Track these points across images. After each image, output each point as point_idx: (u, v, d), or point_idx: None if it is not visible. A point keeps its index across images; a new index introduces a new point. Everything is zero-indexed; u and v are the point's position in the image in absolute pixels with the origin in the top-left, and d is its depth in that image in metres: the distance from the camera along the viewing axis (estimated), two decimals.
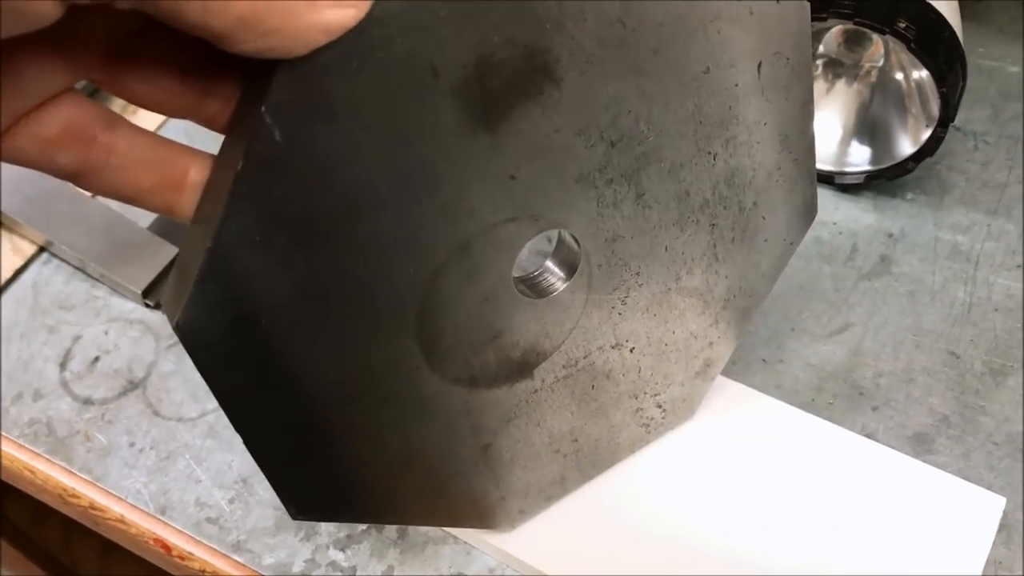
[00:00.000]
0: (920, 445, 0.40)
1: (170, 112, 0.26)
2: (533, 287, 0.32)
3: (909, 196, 0.48)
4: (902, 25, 0.40)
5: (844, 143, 0.48)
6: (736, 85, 0.30)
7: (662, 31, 0.27)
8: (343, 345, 0.28)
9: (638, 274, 0.33)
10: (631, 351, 0.35)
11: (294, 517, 0.31)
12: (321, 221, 0.25)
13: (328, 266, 0.26)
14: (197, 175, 0.26)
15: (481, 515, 0.36)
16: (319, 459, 0.30)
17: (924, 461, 0.39)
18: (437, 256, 0.28)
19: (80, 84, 0.24)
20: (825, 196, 0.48)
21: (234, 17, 0.20)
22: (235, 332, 0.26)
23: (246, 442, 0.28)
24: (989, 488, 0.37)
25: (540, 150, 0.27)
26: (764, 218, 0.34)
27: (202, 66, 0.25)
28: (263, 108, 0.23)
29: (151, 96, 0.25)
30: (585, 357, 0.34)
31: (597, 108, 0.28)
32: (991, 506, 0.37)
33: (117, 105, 0.48)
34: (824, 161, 0.48)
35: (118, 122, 0.25)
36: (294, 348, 0.27)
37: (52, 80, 0.23)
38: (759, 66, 0.30)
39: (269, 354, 0.27)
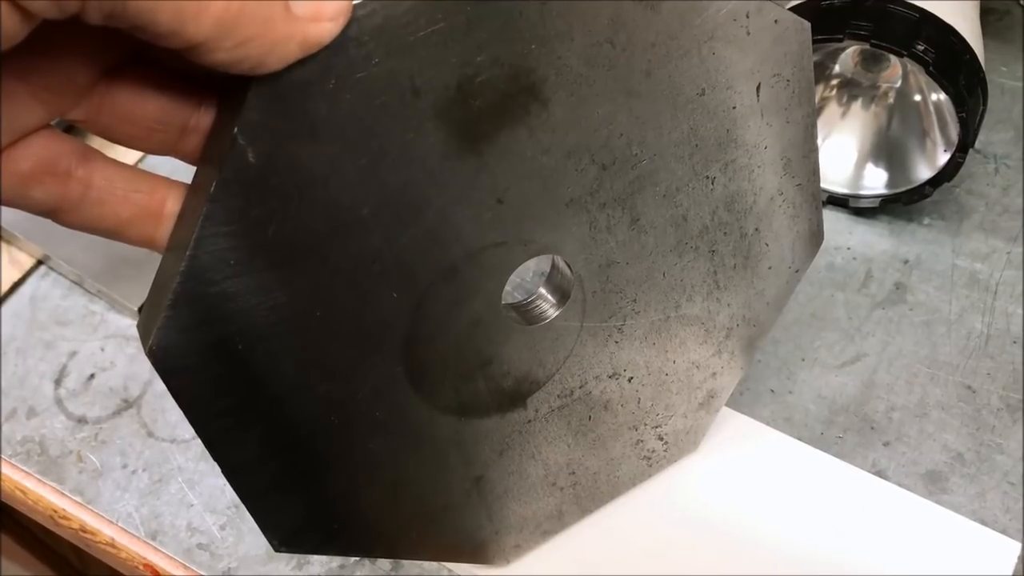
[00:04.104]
0: (933, 484, 0.38)
1: (149, 149, 0.25)
2: (524, 314, 0.31)
3: (926, 221, 0.46)
4: (920, 48, 0.39)
5: (859, 166, 0.47)
6: (734, 107, 0.29)
7: (654, 52, 0.26)
8: (326, 371, 0.27)
9: (635, 301, 0.32)
10: (629, 381, 0.34)
11: (276, 549, 0.30)
12: (299, 244, 0.24)
13: (308, 290, 0.25)
14: (174, 205, 0.25)
15: (474, 549, 0.35)
16: (302, 489, 0.29)
17: (937, 501, 0.37)
18: (423, 280, 0.27)
19: (54, 120, 0.24)
20: (840, 220, 0.47)
21: (209, 22, 0.19)
22: (211, 357, 0.25)
23: (224, 470, 0.27)
24: (1004, 531, 0.36)
25: (528, 173, 0.27)
26: (767, 244, 0.33)
27: (181, 103, 0.24)
28: (235, 128, 0.22)
29: (130, 134, 0.24)
30: (581, 387, 0.33)
31: (587, 130, 0.27)
32: (1006, 551, 0.35)
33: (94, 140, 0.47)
34: (838, 184, 0.47)
35: (93, 156, 0.24)
36: (274, 374, 0.26)
37: (27, 118, 0.22)
38: (758, 88, 0.29)
39: (247, 380, 0.26)
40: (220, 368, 0.25)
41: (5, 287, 0.50)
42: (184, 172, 0.26)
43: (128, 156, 0.24)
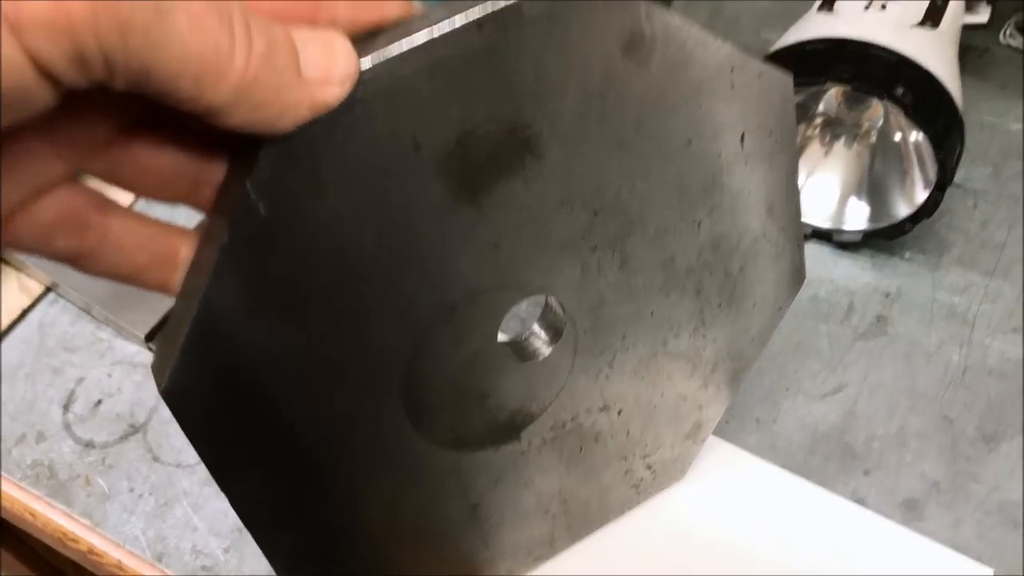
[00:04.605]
0: (910, 511, 0.39)
1: (165, 198, 0.26)
2: (519, 351, 0.32)
3: (907, 255, 0.48)
4: (900, 91, 0.41)
5: (843, 201, 0.48)
6: (719, 156, 0.30)
7: (643, 106, 0.28)
8: (329, 408, 0.28)
9: (625, 338, 0.33)
10: (619, 413, 0.35)
11: (280, 575, 0.31)
12: (306, 289, 0.26)
13: (313, 332, 0.27)
14: (188, 252, 0.26)
15: (469, 574, 0.37)
16: (305, 519, 0.30)
17: (914, 528, 0.38)
18: (422, 321, 0.28)
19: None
20: (824, 253, 0.49)
21: (227, 89, 0.20)
22: (221, 397, 0.26)
23: (233, 503, 0.29)
24: (978, 558, 0.37)
25: (523, 220, 0.28)
26: (751, 283, 0.34)
27: (195, 156, 0.26)
28: (248, 183, 0.23)
29: (146, 185, 0.26)
30: (573, 419, 0.34)
31: (579, 179, 0.28)
32: None
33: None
34: (823, 218, 0.48)
35: (111, 206, 0.25)
36: (280, 412, 0.27)
37: (50, 172, 0.23)
38: (742, 137, 0.30)
39: (255, 418, 0.27)
40: (229, 407, 0.26)
41: (15, 314, 0.51)
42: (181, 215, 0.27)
43: (124, 197, 0.25)
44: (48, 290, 0.52)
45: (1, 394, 0.49)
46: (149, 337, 0.49)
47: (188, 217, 0.28)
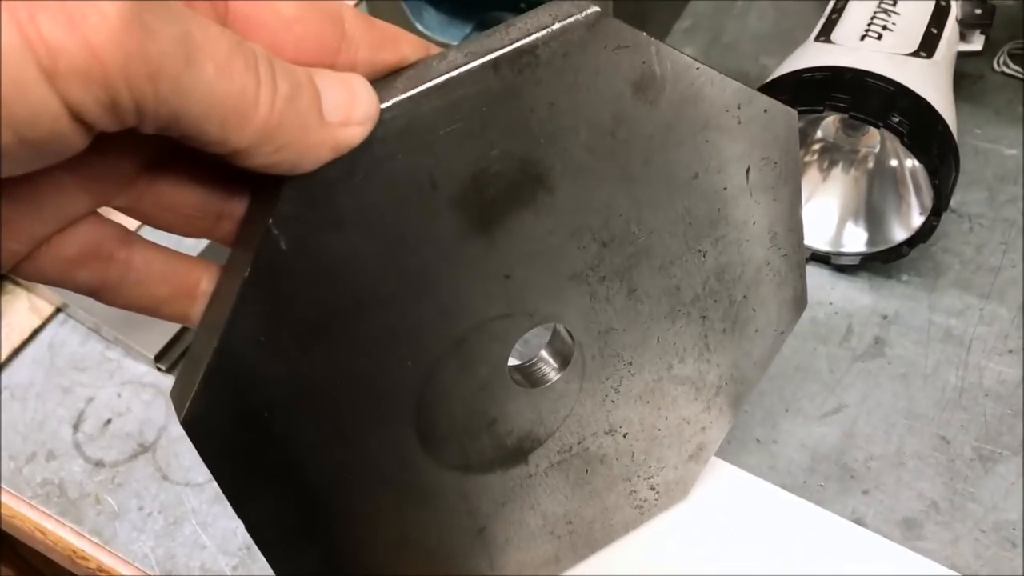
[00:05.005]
0: (909, 531, 0.40)
1: (186, 233, 0.27)
2: (528, 377, 0.33)
3: (904, 278, 0.49)
4: (896, 119, 0.42)
5: (840, 225, 0.49)
6: (725, 188, 0.31)
7: (651, 142, 0.28)
8: (343, 434, 0.29)
9: (631, 364, 0.34)
10: (624, 436, 0.36)
11: None
12: (324, 321, 0.26)
13: (330, 361, 0.27)
14: (208, 285, 0.27)
15: None
16: (316, 541, 0.31)
17: (912, 547, 0.39)
18: (435, 350, 0.29)
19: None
20: (822, 276, 0.50)
21: (252, 132, 0.21)
22: (239, 425, 0.27)
23: (247, 527, 0.29)
24: None
25: (534, 251, 0.29)
26: (754, 310, 0.35)
27: (217, 192, 0.26)
28: (270, 220, 0.24)
29: (168, 220, 0.26)
30: (579, 443, 0.35)
31: (589, 212, 0.29)
32: None
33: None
34: (821, 242, 0.49)
35: (134, 239, 0.26)
36: (295, 438, 0.28)
37: (75, 207, 0.24)
38: (747, 171, 0.31)
39: (272, 445, 0.28)
40: (247, 435, 0.27)
41: (25, 334, 0.52)
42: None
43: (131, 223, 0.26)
44: (58, 311, 0.53)
45: (12, 413, 0.49)
46: (158, 357, 0.50)
47: (193, 244, 0.28)
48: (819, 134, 0.49)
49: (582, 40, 0.25)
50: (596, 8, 0.25)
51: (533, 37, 0.24)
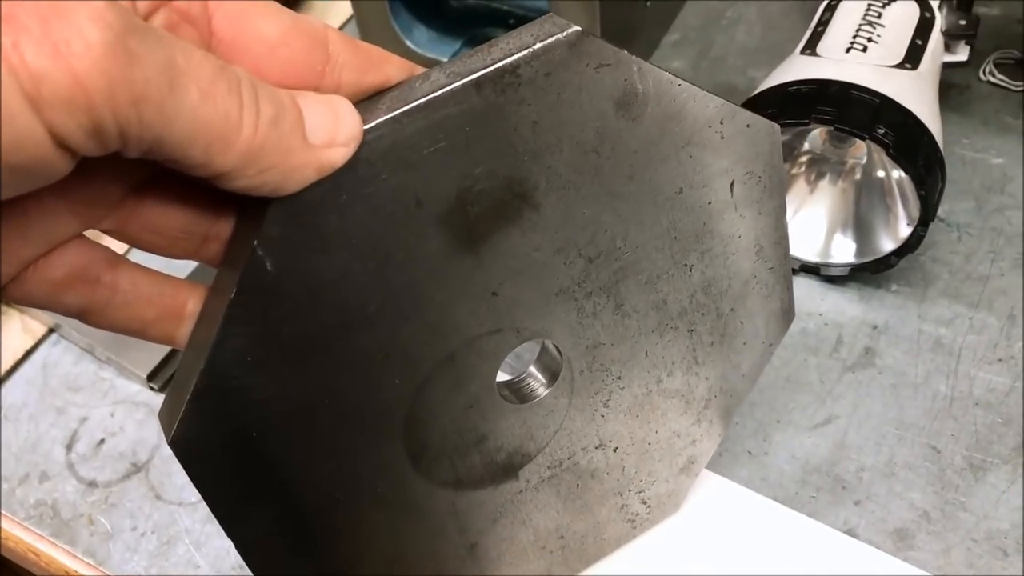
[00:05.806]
0: (901, 541, 0.40)
1: (173, 254, 0.27)
2: (517, 393, 0.33)
3: (894, 288, 0.49)
4: (881, 131, 0.42)
5: (829, 237, 0.49)
6: (709, 203, 0.31)
7: (635, 158, 0.29)
8: (332, 454, 0.29)
9: (619, 378, 0.34)
10: (615, 451, 0.36)
11: None
12: (311, 341, 0.26)
13: (318, 381, 0.27)
14: (195, 306, 0.27)
15: None
16: (307, 560, 0.31)
17: (904, 557, 0.39)
18: (423, 368, 0.29)
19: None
20: (812, 287, 0.50)
21: (235, 155, 0.21)
22: (228, 446, 0.27)
23: (238, 548, 0.29)
24: None
25: (521, 268, 0.29)
26: (742, 323, 0.35)
27: (203, 214, 0.26)
28: (256, 241, 0.24)
29: (155, 242, 0.26)
30: (569, 458, 0.35)
31: (575, 228, 0.29)
32: None
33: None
34: (810, 253, 0.49)
35: (120, 262, 0.26)
36: (285, 459, 0.28)
37: (62, 230, 0.24)
38: (732, 185, 0.31)
39: (261, 465, 0.28)
40: (236, 455, 0.27)
41: (18, 354, 0.52)
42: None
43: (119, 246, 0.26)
44: (51, 331, 0.53)
45: (6, 434, 0.49)
46: (151, 377, 0.50)
47: (183, 266, 0.29)
48: (806, 146, 0.50)
49: (564, 59, 0.25)
50: (577, 28, 0.25)
51: (515, 57, 0.25)
